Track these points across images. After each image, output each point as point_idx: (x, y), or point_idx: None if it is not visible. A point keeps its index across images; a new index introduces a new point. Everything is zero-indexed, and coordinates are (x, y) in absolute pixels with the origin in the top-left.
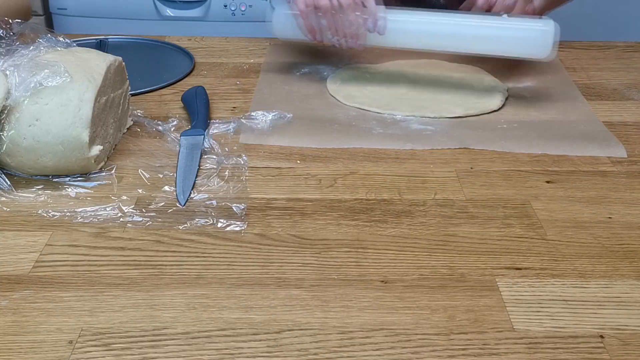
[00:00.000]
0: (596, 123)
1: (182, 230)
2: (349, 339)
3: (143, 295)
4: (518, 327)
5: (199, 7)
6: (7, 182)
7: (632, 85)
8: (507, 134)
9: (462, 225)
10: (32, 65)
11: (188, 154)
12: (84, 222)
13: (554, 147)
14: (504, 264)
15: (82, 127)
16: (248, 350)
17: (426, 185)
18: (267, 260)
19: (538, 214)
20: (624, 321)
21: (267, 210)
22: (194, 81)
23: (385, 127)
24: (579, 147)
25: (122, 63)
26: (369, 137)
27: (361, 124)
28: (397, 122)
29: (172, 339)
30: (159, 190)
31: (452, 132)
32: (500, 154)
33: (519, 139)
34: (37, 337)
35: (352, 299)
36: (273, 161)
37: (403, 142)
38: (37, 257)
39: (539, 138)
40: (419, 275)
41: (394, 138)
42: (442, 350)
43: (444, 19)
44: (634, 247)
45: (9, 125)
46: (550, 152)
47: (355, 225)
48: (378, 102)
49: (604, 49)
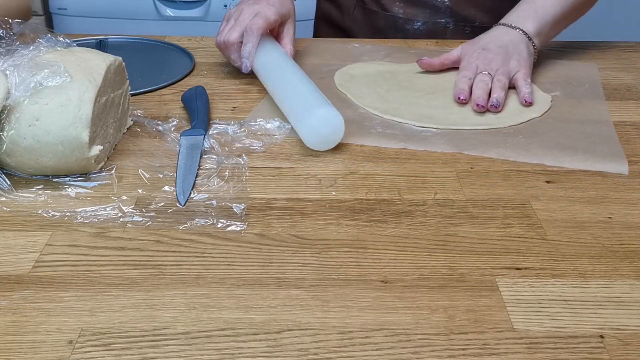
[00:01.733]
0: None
1: (182, 230)
2: (349, 339)
3: (143, 295)
4: (518, 327)
5: (199, 7)
6: (7, 182)
7: (632, 85)
8: (509, 140)
9: (462, 225)
10: (32, 65)
11: (188, 154)
12: (84, 222)
13: (552, 159)
14: (504, 264)
15: (82, 127)
16: (248, 350)
17: (426, 185)
18: (267, 260)
19: (538, 214)
20: (624, 321)
21: (267, 210)
22: (194, 81)
23: (385, 127)
24: (579, 159)
25: (122, 63)
26: (368, 135)
27: (364, 122)
28: (400, 124)
29: (172, 339)
30: (159, 190)
31: (451, 135)
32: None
33: (519, 147)
34: (37, 337)
35: (352, 299)
36: (273, 161)
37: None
38: (37, 257)
39: (540, 147)
40: (419, 275)
41: (390, 137)
42: (442, 350)
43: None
44: (634, 247)
45: (9, 125)
46: (547, 163)
47: (355, 225)
48: (384, 105)
49: (604, 49)
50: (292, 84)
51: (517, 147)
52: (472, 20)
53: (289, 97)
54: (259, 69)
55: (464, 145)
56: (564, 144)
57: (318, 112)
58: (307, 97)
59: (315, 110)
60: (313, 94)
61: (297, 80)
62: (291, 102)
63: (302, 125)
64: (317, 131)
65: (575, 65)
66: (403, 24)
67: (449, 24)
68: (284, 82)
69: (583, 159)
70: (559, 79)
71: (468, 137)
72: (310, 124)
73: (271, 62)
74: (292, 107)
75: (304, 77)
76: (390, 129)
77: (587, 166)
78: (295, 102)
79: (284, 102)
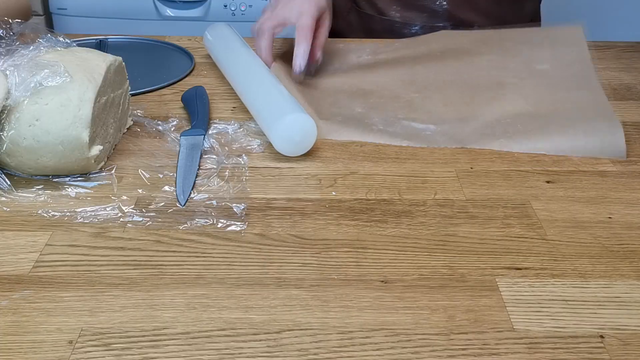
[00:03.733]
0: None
1: (182, 230)
2: (349, 339)
3: (143, 295)
4: (518, 327)
5: (199, 7)
6: (7, 182)
7: (632, 85)
8: (509, 129)
9: (462, 225)
10: (32, 65)
11: (188, 154)
12: (84, 222)
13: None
14: (504, 264)
15: (82, 127)
16: (248, 350)
17: (426, 185)
18: (267, 260)
19: (538, 214)
20: (624, 321)
21: (267, 210)
22: (194, 81)
23: (386, 125)
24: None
25: (122, 63)
26: (370, 133)
27: (365, 120)
28: (399, 121)
29: (172, 339)
30: (159, 190)
31: (452, 131)
32: (500, 154)
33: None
34: (37, 337)
35: (352, 299)
36: (273, 161)
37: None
38: (37, 257)
39: (540, 134)
40: (419, 275)
41: (391, 135)
42: (442, 350)
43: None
44: (634, 247)
45: (9, 125)
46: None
47: (355, 225)
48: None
49: (604, 49)
50: (259, 89)
51: (518, 137)
52: (470, 24)
53: (258, 103)
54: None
55: (466, 141)
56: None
57: (286, 119)
58: (273, 104)
59: (282, 118)
60: (278, 100)
61: (264, 85)
62: (260, 109)
63: (273, 133)
64: (289, 138)
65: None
66: (400, 28)
67: (446, 27)
68: (251, 87)
69: (583, 144)
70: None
71: (468, 132)
72: (279, 133)
73: (238, 62)
74: (261, 115)
75: (269, 81)
76: (391, 127)
77: (587, 151)
78: (263, 109)
79: (252, 109)
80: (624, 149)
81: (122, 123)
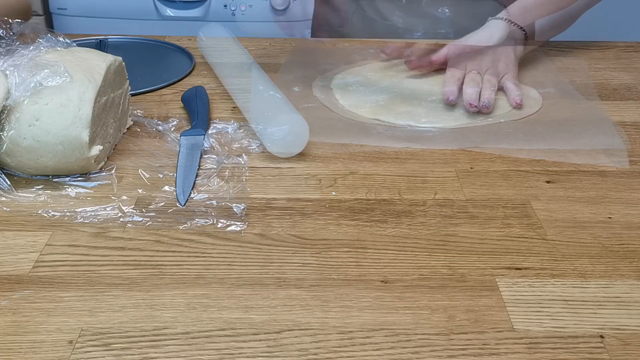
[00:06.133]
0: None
1: (182, 230)
2: (349, 339)
3: (143, 295)
4: (518, 327)
5: (199, 7)
6: (7, 182)
7: (632, 85)
8: (510, 135)
9: (462, 225)
10: (32, 65)
11: (188, 154)
12: (84, 222)
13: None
14: (504, 264)
15: (82, 127)
16: (248, 350)
17: (426, 185)
18: (267, 260)
19: (538, 214)
20: (624, 321)
21: (267, 210)
22: (194, 81)
23: (387, 128)
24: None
25: (122, 63)
26: (370, 136)
27: (366, 122)
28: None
29: (172, 339)
30: (159, 190)
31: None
32: (500, 154)
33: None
34: (37, 337)
35: (352, 299)
36: (273, 161)
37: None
38: (37, 257)
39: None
40: (419, 275)
41: (393, 137)
42: (442, 350)
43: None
44: (634, 247)
45: (9, 125)
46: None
47: (355, 225)
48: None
49: (604, 49)
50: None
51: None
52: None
53: (251, 107)
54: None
55: (467, 143)
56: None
57: (277, 120)
58: (265, 107)
59: (273, 119)
60: (269, 102)
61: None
62: (253, 112)
63: (264, 136)
64: (281, 139)
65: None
66: (402, 34)
67: (449, 34)
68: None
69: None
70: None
71: (470, 135)
72: (270, 136)
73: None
74: (253, 118)
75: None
76: (392, 129)
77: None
78: (255, 112)
79: (245, 113)
80: (627, 161)
81: (122, 123)
